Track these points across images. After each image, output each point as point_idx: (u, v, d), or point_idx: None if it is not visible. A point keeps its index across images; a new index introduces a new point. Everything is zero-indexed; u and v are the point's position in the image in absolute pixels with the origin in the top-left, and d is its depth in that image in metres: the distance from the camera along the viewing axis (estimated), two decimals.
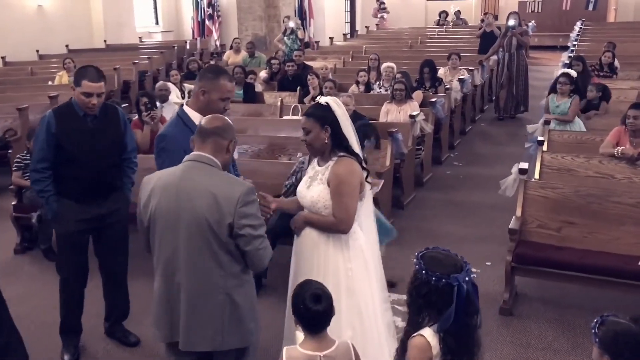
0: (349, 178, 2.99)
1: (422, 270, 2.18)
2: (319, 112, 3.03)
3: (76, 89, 3.62)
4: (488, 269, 5.07)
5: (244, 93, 8.73)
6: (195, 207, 2.52)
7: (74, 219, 3.76)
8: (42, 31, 13.99)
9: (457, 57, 9.38)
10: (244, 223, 2.52)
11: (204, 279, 2.58)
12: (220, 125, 2.66)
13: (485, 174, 7.54)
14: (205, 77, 3.18)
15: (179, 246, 2.58)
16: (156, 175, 2.70)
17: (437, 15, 18.98)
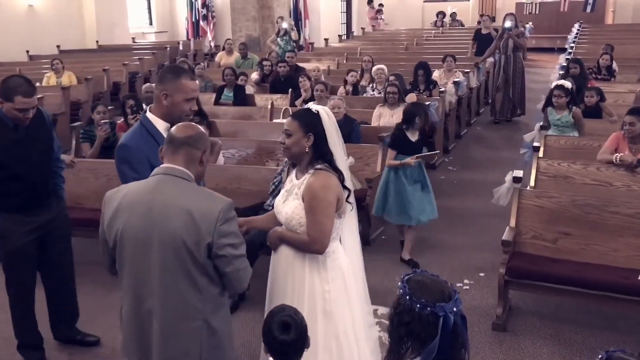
0: (322, 193, 2.74)
1: (407, 295, 1.96)
2: (306, 118, 2.83)
3: (6, 103, 3.39)
4: (481, 280, 4.88)
5: (234, 95, 8.53)
6: (170, 227, 2.27)
7: (21, 231, 3.62)
8: (32, 31, 13.80)
9: (452, 59, 9.19)
10: (224, 242, 2.29)
11: (179, 304, 2.34)
12: (193, 134, 2.40)
13: (480, 180, 7.36)
14: (165, 78, 2.92)
15: (151, 269, 2.32)
16: (122, 191, 2.42)
17: (434, 16, 18.81)
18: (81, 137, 6.45)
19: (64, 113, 8.89)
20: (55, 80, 10.11)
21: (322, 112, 2.84)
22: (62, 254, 3.87)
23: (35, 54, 13.39)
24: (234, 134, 7.00)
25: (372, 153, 5.84)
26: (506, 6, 18.58)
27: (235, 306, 4.49)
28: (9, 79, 3.47)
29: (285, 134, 2.83)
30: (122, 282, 2.46)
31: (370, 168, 5.77)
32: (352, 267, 3.00)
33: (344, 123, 6.27)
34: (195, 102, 2.98)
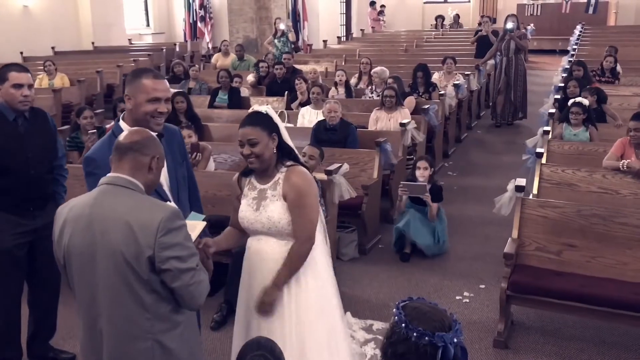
0: (308, 188, 2.74)
1: (402, 323, 1.75)
2: (264, 120, 2.72)
3: (3, 87, 3.38)
4: (482, 293, 4.67)
5: (228, 98, 8.34)
6: (110, 241, 2.11)
7: (11, 231, 3.49)
8: (27, 32, 13.58)
9: (452, 61, 8.99)
10: (167, 255, 2.10)
11: (126, 323, 2.16)
12: (139, 139, 2.24)
13: (481, 186, 7.16)
14: (127, 82, 2.78)
15: (97, 287, 2.16)
16: (68, 205, 2.28)
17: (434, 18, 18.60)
18: (68, 144, 6.24)
19: (54, 116, 8.65)
20: (48, 82, 9.91)
21: (269, 110, 2.78)
22: (51, 264, 3.63)
23: (29, 55, 13.18)
24: (229, 138, 6.78)
25: (368, 159, 5.63)
26: (507, 7, 18.37)
27: (223, 320, 4.29)
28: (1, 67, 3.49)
29: (250, 144, 2.68)
30: (76, 302, 2.29)
31: (366, 174, 5.56)
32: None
33: (340, 127, 6.10)
34: (164, 103, 2.72)
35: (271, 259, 2.76)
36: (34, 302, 3.77)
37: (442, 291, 4.70)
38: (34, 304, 3.78)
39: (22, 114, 3.46)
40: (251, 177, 2.84)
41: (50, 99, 8.87)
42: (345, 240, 5.24)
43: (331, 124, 6.09)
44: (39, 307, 3.77)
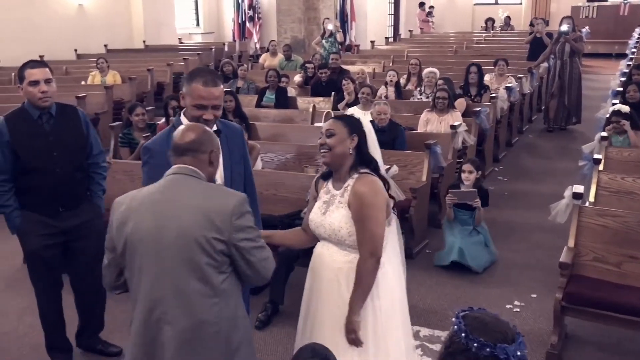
0: (373, 199, 2.58)
1: (462, 332, 1.66)
2: (349, 119, 2.71)
3: (22, 85, 3.38)
4: (533, 303, 4.50)
5: (276, 98, 8.34)
6: (182, 225, 2.14)
7: (38, 233, 3.46)
8: (81, 30, 13.97)
9: (504, 63, 8.76)
10: (241, 237, 2.19)
11: (193, 308, 2.17)
12: (195, 138, 2.29)
13: (533, 192, 6.94)
14: (184, 79, 2.79)
15: (164, 273, 2.16)
16: (129, 195, 2.30)
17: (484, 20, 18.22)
18: (120, 141, 6.33)
19: (106, 112, 8.86)
20: (100, 79, 10.13)
21: (363, 118, 2.74)
22: (88, 265, 3.64)
23: (83, 52, 13.53)
24: (275, 137, 6.80)
25: (417, 161, 5.52)
26: (561, 10, 17.87)
27: (267, 320, 4.26)
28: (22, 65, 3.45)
29: (327, 135, 2.63)
30: (131, 292, 2.28)
31: (415, 177, 5.45)
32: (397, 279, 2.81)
33: (389, 128, 6.01)
34: (212, 110, 2.70)
35: (330, 267, 2.69)
36: (78, 300, 3.79)
37: (491, 299, 4.55)
38: (79, 302, 3.80)
39: (47, 111, 3.42)
40: (329, 180, 2.78)
41: (102, 95, 9.05)
42: None
43: (380, 126, 6.00)
44: (84, 305, 3.80)
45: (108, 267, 2.35)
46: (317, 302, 2.74)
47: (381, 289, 2.65)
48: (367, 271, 2.59)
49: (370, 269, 2.59)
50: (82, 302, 3.80)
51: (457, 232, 5.07)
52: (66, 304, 3.79)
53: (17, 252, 5.28)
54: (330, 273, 2.70)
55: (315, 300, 2.76)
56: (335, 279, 2.68)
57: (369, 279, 2.60)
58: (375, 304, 2.65)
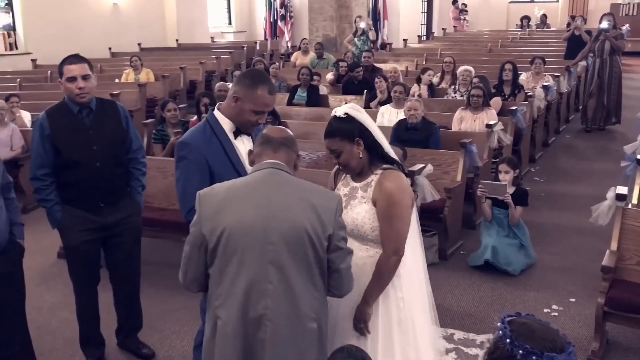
0: (401, 197, 2.54)
1: (507, 338, 1.57)
2: (343, 127, 2.55)
3: (62, 80, 3.37)
4: (572, 307, 4.35)
5: (307, 96, 8.30)
6: (294, 217, 2.12)
7: (78, 228, 3.45)
8: (116, 29, 14.16)
9: (541, 62, 8.54)
10: (342, 235, 2.23)
11: (298, 302, 2.15)
12: (289, 136, 2.34)
13: (571, 193, 6.75)
14: (241, 82, 2.71)
15: (269, 265, 2.11)
16: (222, 186, 2.23)
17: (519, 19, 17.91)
18: (153, 137, 6.36)
19: (139, 110, 8.93)
20: (134, 77, 10.23)
21: (349, 110, 2.58)
22: (126, 261, 3.66)
23: (117, 51, 13.70)
24: (306, 135, 6.74)
25: (452, 160, 5.41)
26: (599, 7, 17.43)
27: None
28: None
29: (334, 155, 2.57)
30: (218, 288, 2.18)
31: (449, 177, 5.34)
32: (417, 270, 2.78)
33: (422, 126, 5.90)
34: (265, 116, 2.75)
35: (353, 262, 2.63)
36: (116, 296, 3.79)
37: (527, 302, 4.42)
38: (117, 299, 3.80)
39: (87, 105, 3.42)
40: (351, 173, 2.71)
41: (135, 93, 9.13)
42: (426, 244, 4.97)
43: (412, 123, 5.90)
44: (121, 301, 3.79)
45: (191, 264, 2.23)
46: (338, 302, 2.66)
47: (403, 280, 2.62)
48: (389, 268, 2.56)
49: (392, 266, 2.56)
50: (120, 298, 3.80)
51: (494, 232, 4.94)
52: (108, 301, 3.82)
53: (52, 247, 5.39)
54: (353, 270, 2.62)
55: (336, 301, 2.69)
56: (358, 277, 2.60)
57: (389, 276, 2.58)
58: (398, 295, 2.62)
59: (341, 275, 2.24)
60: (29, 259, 3.25)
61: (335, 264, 2.21)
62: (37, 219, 5.48)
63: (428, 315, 2.84)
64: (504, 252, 4.83)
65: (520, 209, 4.94)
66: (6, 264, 3.00)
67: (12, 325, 3.11)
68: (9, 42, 12.53)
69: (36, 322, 4.25)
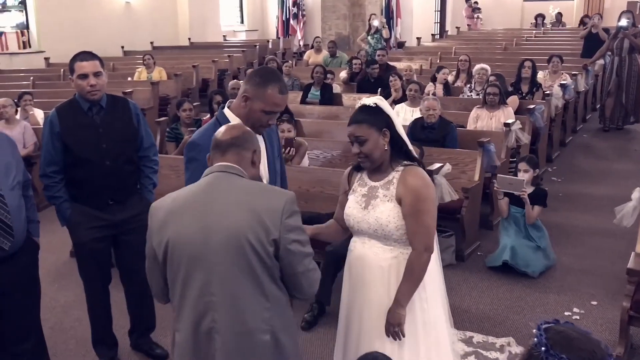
0: (427, 192, 2.48)
1: (542, 346, 1.49)
2: (372, 114, 2.49)
3: (73, 77, 3.32)
4: (594, 310, 4.25)
5: (321, 94, 8.22)
6: (232, 224, 1.99)
7: (86, 226, 3.42)
8: (128, 28, 14.16)
9: (558, 60, 8.40)
10: (292, 238, 2.03)
11: (245, 314, 2.02)
12: (239, 134, 2.18)
13: (589, 194, 6.63)
14: (251, 80, 2.63)
15: (211, 277, 2.01)
16: (169, 198, 2.14)
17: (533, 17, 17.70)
18: (167, 135, 6.32)
19: (152, 108, 8.89)
20: (146, 76, 10.20)
21: (378, 101, 2.52)
22: (136, 259, 3.54)
23: (129, 49, 13.70)
24: (319, 134, 6.68)
25: (469, 160, 5.30)
26: (616, 5, 17.20)
27: (314, 321, 4.14)
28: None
29: (359, 143, 2.48)
30: (174, 302, 2.13)
31: (467, 176, 5.24)
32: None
33: (439, 125, 5.81)
34: (276, 116, 2.67)
35: (375, 265, 2.56)
36: (128, 297, 3.74)
37: (548, 305, 4.32)
38: (128, 299, 3.75)
39: (98, 103, 3.37)
40: (363, 172, 2.64)
41: (148, 91, 9.10)
42: (443, 245, 4.94)
43: (429, 122, 5.81)
44: (133, 301, 3.74)
45: (152, 276, 2.20)
46: (361, 306, 2.61)
47: (426, 280, 2.55)
48: (421, 266, 2.49)
49: (424, 263, 2.49)
50: (131, 298, 3.75)
51: (512, 233, 4.84)
52: (120, 301, 3.78)
53: (65, 245, 5.34)
54: (377, 274, 2.56)
55: (359, 305, 2.62)
56: (383, 280, 2.55)
57: (422, 274, 2.50)
58: (421, 295, 2.56)
59: (299, 279, 2.08)
60: (41, 258, 3.20)
61: (289, 268, 2.05)
62: (49, 217, 5.41)
63: (447, 317, 2.79)
64: (523, 254, 4.72)
65: (539, 209, 4.83)
66: (23, 262, 2.96)
67: (27, 323, 3.07)
68: (22, 40, 12.56)
69: (49, 321, 4.21)
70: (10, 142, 2.99)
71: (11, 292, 2.91)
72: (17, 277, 2.94)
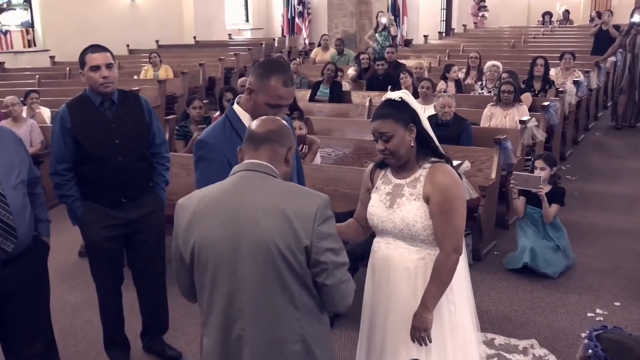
0: (457, 191, 2.37)
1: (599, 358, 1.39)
2: (398, 110, 2.37)
3: (84, 71, 3.23)
4: (617, 311, 4.14)
5: (330, 92, 8.13)
6: (261, 230, 1.85)
7: (98, 225, 3.32)
8: (133, 26, 14.08)
9: (571, 57, 8.28)
10: (324, 247, 1.88)
11: (274, 324, 1.92)
12: (275, 128, 2.02)
13: (605, 192, 6.53)
14: (255, 72, 2.48)
15: (239, 285, 1.89)
16: (196, 196, 2.00)
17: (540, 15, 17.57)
18: (176, 133, 6.23)
19: (159, 106, 8.79)
20: (153, 74, 10.12)
21: (404, 96, 2.41)
22: (149, 259, 3.51)
23: (135, 48, 13.62)
24: (329, 131, 6.60)
25: (486, 157, 5.20)
26: (623, 3, 17.05)
27: (330, 323, 4.01)
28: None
29: (384, 139, 2.36)
30: (202, 306, 2.03)
31: (483, 174, 5.13)
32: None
33: (454, 123, 5.72)
34: (283, 111, 2.49)
35: (401, 266, 2.45)
36: (140, 297, 3.65)
37: (569, 306, 4.22)
38: (141, 300, 3.66)
39: (109, 97, 3.29)
40: (387, 169, 2.53)
41: (155, 90, 9.01)
42: None
43: (443, 120, 5.70)
44: (146, 302, 3.65)
45: (179, 276, 2.08)
46: (386, 309, 2.50)
47: (454, 282, 2.45)
48: (450, 268, 2.38)
49: (452, 265, 2.39)
50: (143, 298, 3.65)
51: (531, 233, 4.73)
52: (133, 302, 3.70)
53: (73, 245, 5.26)
54: (403, 276, 2.46)
55: (384, 308, 2.51)
56: (410, 282, 2.44)
57: (450, 276, 2.39)
58: (449, 298, 2.46)
59: (329, 291, 1.94)
60: (50, 258, 3.10)
61: (321, 279, 1.91)
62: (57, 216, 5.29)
63: (474, 320, 2.69)
64: (543, 254, 4.61)
65: (556, 208, 4.71)
66: (31, 263, 2.86)
67: (37, 325, 2.98)
68: (27, 39, 12.49)
69: (59, 323, 4.13)
70: (14, 139, 2.88)
71: (18, 293, 2.81)
72: (24, 279, 2.84)
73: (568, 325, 3.96)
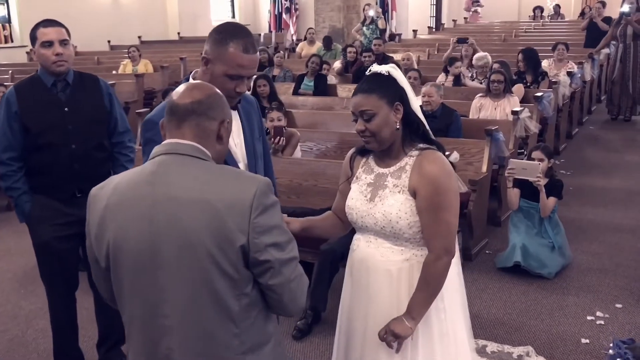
0: (449, 183, 2.02)
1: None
2: (383, 85, 2.03)
3: (35, 48, 2.93)
4: (619, 314, 3.82)
5: (314, 85, 7.81)
6: (184, 228, 1.50)
7: (49, 222, 2.97)
8: (116, 22, 13.79)
9: (564, 47, 8.01)
10: (265, 242, 1.52)
11: (209, 341, 1.56)
12: (202, 98, 1.61)
13: (602, 187, 6.23)
14: (210, 38, 2.11)
15: (163, 295, 1.54)
16: (109, 185, 1.63)
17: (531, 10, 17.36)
18: None
19: (136, 101, 8.43)
20: (131, 68, 9.76)
21: (392, 70, 2.06)
22: None
23: (118, 44, 13.28)
24: (313, 125, 6.28)
25: (476, 150, 4.88)
26: None
27: (308, 329, 3.70)
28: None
29: (365, 118, 2.01)
30: (123, 316, 1.67)
31: (474, 167, 4.81)
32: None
33: (442, 114, 5.41)
34: (245, 83, 2.12)
35: (382, 269, 2.11)
36: (97, 304, 3.29)
37: (567, 309, 3.90)
38: (98, 307, 3.30)
39: (63, 78, 2.96)
40: (369, 156, 2.18)
41: (132, 84, 8.65)
42: None
43: (429, 110, 5.38)
44: (102, 309, 3.27)
45: (98, 282, 1.73)
46: (365, 318, 2.16)
47: (445, 287, 2.10)
48: (440, 272, 2.04)
49: (443, 269, 2.05)
50: (100, 305, 3.28)
51: (523, 229, 4.41)
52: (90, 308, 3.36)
53: None
54: (384, 280, 2.11)
55: (362, 316, 2.17)
56: (391, 287, 2.10)
57: (441, 282, 2.06)
58: (439, 305, 2.12)
59: (276, 294, 1.59)
60: (7, 261, 2.75)
61: (264, 280, 1.57)
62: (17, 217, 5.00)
63: (468, 328, 2.36)
64: (536, 253, 4.30)
65: (554, 200, 4.39)
66: None
67: None
68: (4, 34, 12.11)
69: (10, 332, 3.79)
70: None
71: None
72: None
73: (566, 329, 3.64)
